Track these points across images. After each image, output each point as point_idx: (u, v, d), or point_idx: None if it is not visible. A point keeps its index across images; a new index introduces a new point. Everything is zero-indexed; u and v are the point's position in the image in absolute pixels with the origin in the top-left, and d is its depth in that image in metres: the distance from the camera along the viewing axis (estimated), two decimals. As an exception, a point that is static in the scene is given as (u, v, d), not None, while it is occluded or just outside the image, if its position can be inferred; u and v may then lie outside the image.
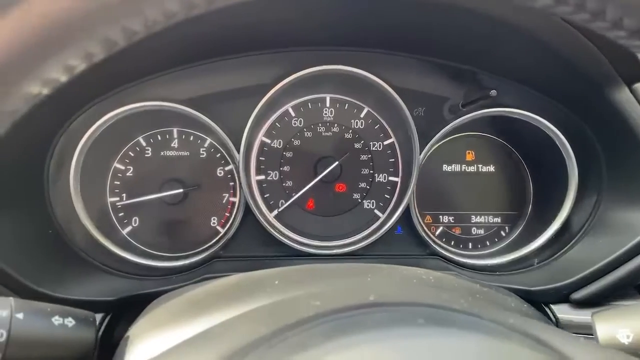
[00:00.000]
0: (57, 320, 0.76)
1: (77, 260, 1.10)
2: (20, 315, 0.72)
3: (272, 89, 1.16)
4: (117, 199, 1.23)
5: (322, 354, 0.42)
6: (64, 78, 0.43)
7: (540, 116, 1.21)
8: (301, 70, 1.16)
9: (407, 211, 1.25)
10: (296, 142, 1.29)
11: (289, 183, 1.29)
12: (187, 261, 1.20)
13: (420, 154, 1.21)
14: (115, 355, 0.75)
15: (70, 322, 0.77)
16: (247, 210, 1.23)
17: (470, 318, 0.50)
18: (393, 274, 0.77)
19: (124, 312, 1.02)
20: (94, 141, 1.14)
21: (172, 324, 0.74)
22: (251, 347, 0.51)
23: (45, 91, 0.44)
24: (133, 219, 1.25)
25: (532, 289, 1.11)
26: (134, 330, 0.78)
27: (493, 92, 1.06)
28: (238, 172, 1.21)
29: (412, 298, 0.59)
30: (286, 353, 0.45)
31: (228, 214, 1.27)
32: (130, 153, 1.24)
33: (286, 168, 1.29)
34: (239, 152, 1.19)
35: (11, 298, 0.75)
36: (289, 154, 1.29)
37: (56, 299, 0.94)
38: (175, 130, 1.25)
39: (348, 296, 0.58)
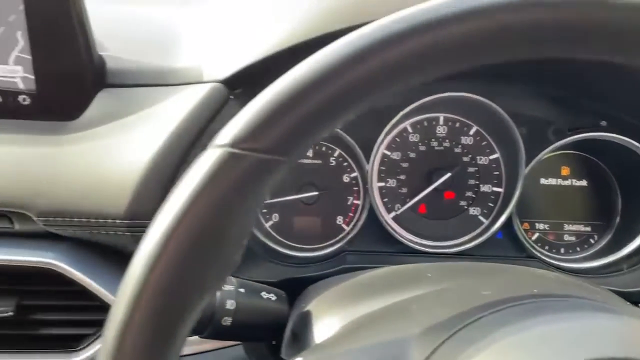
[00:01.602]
0: (264, 295, 0.99)
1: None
2: (242, 290, 0.95)
3: (400, 111, 1.36)
4: (263, 198, 1.47)
5: (527, 327, 0.59)
6: (352, 117, 0.52)
7: (633, 139, 1.36)
8: (425, 96, 1.36)
9: (508, 218, 1.44)
10: (412, 155, 1.49)
11: (405, 190, 1.50)
12: (319, 253, 1.42)
13: (525, 169, 1.39)
14: (294, 328, 0.95)
15: (272, 296, 1.00)
16: (369, 212, 1.44)
17: (613, 308, 0.67)
18: (526, 272, 0.96)
19: None
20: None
21: (346, 303, 0.93)
22: (451, 323, 0.58)
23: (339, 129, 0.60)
24: (274, 215, 1.48)
25: (623, 290, 1.28)
26: (312, 307, 0.97)
27: (603, 123, 1.23)
28: (364, 179, 1.43)
29: (561, 292, 0.78)
30: (491, 327, 0.61)
31: (352, 214, 1.49)
32: (274, 160, 1.47)
33: (402, 177, 1.49)
34: (368, 162, 1.40)
35: (231, 277, 0.98)
36: (405, 165, 1.49)
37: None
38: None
39: (512, 288, 0.77)
